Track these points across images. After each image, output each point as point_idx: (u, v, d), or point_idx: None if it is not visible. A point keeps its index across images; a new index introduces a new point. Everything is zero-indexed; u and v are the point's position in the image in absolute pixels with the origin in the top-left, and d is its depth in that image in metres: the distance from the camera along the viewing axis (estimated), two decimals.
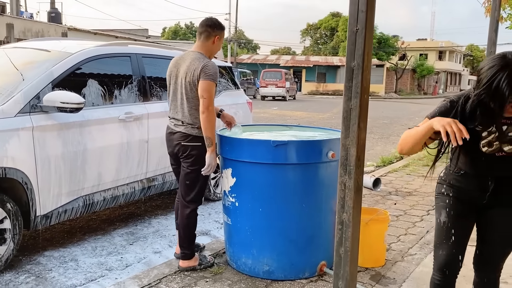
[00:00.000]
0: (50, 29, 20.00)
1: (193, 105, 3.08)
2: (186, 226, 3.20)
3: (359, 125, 1.79)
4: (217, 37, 3.18)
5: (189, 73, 3.04)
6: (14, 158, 3.16)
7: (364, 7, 1.71)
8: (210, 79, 2.99)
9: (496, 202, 2.03)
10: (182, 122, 3.12)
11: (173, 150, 3.19)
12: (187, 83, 3.05)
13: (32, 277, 3.24)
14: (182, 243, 3.22)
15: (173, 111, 3.19)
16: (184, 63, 3.12)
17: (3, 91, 3.38)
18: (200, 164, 3.09)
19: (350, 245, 1.85)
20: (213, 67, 3.04)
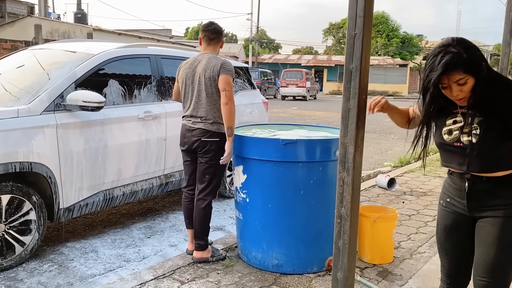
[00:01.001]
0: (76, 30, 20.54)
1: (212, 100, 3.29)
2: (202, 218, 3.36)
3: (357, 124, 1.90)
4: (223, 42, 3.52)
5: (208, 70, 3.26)
6: (39, 153, 3.36)
7: (361, 13, 1.82)
8: (229, 74, 3.27)
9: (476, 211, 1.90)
10: (201, 119, 3.31)
11: (191, 146, 3.36)
12: (206, 79, 3.27)
13: (55, 266, 3.43)
14: (197, 234, 3.38)
15: (190, 109, 3.36)
16: (201, 63, 3.34)
17: (30, 90, 3.59)
18: (218, 159, 3.29)
19: (348, 238, 1.95)
20: (230, 63, 3.37)
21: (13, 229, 3.30)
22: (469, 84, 1.78)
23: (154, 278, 3.09)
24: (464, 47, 1.75)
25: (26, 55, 4.42)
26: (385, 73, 40.98)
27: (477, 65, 1.76)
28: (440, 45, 1.79)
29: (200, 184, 3.38)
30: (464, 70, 1.74)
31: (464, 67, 1.74)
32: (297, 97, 28.92)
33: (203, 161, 3.34)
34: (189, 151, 3.42)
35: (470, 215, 1.93)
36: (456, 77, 1.75)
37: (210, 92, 3.28)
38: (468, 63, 1.74)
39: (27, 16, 22.02)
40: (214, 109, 3.29)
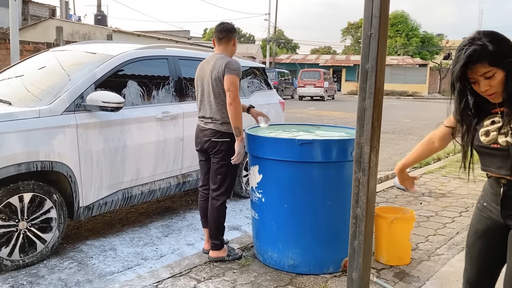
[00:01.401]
0: (96, 31, 20.86)
1: (219, 101, 3.30)
2: (216, 218, 3.38)
3: (373, 124, 1.89)
4: (234, 40, 3.47)
5: (214, 70, 3.28)
6: (60, 153, 3.44)
7: (377, 13, 1.81)
8: (234, 74, 3.24)
9: (511, 219, 1.79)
10: (211, 119, 3.33)
11: (203, 146, 3.39)
12: (213, 80, 3.28)
13: (75, 263, 3.50)
14: (212, 234, 3.40)
15: (202, 110, 3.40)
16: (209, 64, 3.36)
17: (51, 91, 3.67)
18: (229, 159, 3.30)
19: (363, 238, 1.95)
20: (236, 63, 3.30)
21: (34, 227, 3.39)
22: (498, 78, 1.69)
23: (171, 276, 3.13)
24: (491, 40, 1.68)
25: (47, 56, 4.52)
26: (404, 73, 40.51)
27: (505, 57, 1.67)
28: (467, 38, 1.73)
29: (213, 184, 3.41)
30: (490, 63, 1.67)
31: (489, 59, 1.66)
32: (314, 97, 28.80)
33: (215, 161, 3.37)
34: (202, 151, 3.46)
35: (504, 222, 1.82)
36: (481, 70, 1.69)
37: (218, 92, 3.29)
38: (494, 56, 1.66)
39: (49, 18, 22.46)
40: (222, 109, 3.30)
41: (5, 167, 3.13)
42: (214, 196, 3.40)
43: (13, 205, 3.25)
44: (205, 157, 3.46)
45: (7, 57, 11.08)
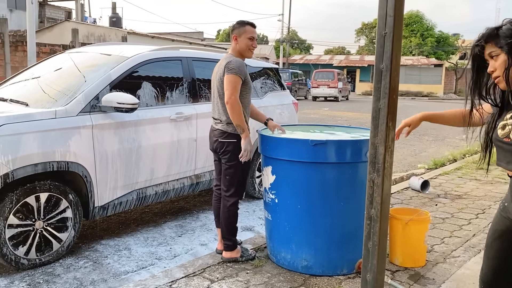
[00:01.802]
0: (111, 33, 21.10)
1: (224, 101, 3.27)
2: (227, 218, 3.39)
3: (388, 124, 1.87)
4: (234, 36, 3.36)
5: (219, 71, 3.30)
6: (76, 153, 3.48)
7: (392, 12, 1.80)
8: (232, 73, 3.19)
9: None
10: (219, 120, 3.35)
11: (213, 146, 3.43)
12: (218, 81, 3.31)
13: (90, 263, 3.54)
14: (224, 234, 3.41)
15: (212, 111, 3.44)
16: (217, 65, 3.40)
17: (67, 92, 3.72)
18: (236, 160, 3.30)
19: (377, 239, 1.93)
20: (236, 62, 3.23)
21: (50, 226, 3.43)
22: (501, 59, 1.68)
23: (184, 276, 3.14)
24: (508, 24, 1.68)
25: (63, 58, 4.58)
26: (419, 73, 40.10)
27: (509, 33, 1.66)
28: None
29: (223, 184, 3.41)
30: (496, 43, 1.67)
31: (497, 39, 1.67)
32: (328, 98, 28.67)
33: (223, 162, 3.37)
34: (213, 151, 3.48)
35: None
36: (489, 48, 1.70)
37: (222, 93, 3.28)
38: (503, 36, 1.66)
39: (65, 20, 22.81)
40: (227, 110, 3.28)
41: (23, 167, 3.18)
42: (224, 197, 3.40)
43: (30, 205, 3.30)
44: (217, 157, 3.48)
45: (24, 59, 11.28)
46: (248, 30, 3.36)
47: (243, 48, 3.36)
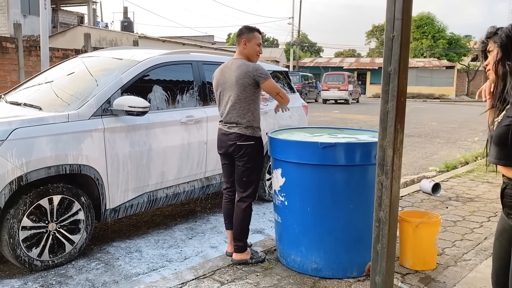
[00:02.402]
0: (123, 38, 21.31)
1: (245, 105, 3.32)
2: (242, 220, 3.42)
3: (396, 126, 1.88)
4: (243, 41, 3.41)
5: (239, 76, 3.30)
6: (88, 156, 3.53)
7: (399, 15, 1.80)
8: (267, 78, 3.33)
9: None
10: (236, 124, 3.35)
11: (227, 150, 3.41)
12: (239, 85, 3.30)
13: (102, 264, 3.58)
14: (236, 236, 3.44)
15: (225, 115, 3.42)
16: (231, 69, 3.38)
17: (80, 96, 3.78)
18: (253, 162, 3.35)
19: (386, 242, 1.93)
20: (261, 67, 3.37)
21: (63, 228, 3.48)
22: (493, 53, 1.77)
23: (195, 278, 3.16)
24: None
25: (76, 62, 4.65)
26: (431, 75, 39.80)
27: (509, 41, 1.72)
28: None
29: (239, 186, 3.44)
30: (495, 40, 1.75)
31: (496, 36, 1.75)
32: (339, 100, 28.60)
33: (240, 165, 3.39)
34: (226, 155, 3.48)
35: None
36: (489, 45, 1.78)
37: (244, 97, 3.31)
38: (500, 35, 1.74)
39: (77, 25, 23.09)
40: (248, 113, 3.33)
41: (36, 170, 3.24)
42: (240, 198, 3.43)
43: (43, 207, 3.35)
44: (229, 160, 3.49)
45: (37, 63, 11.45)
46: (256, 36, 3.44)
47: (252, 53, 3.42)
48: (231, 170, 3.49)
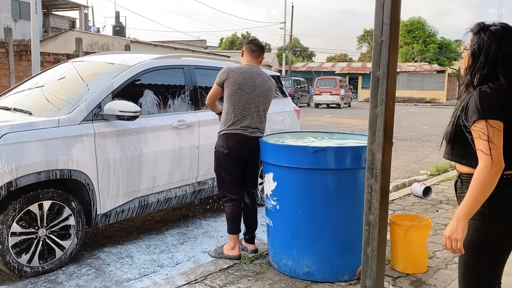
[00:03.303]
0: (115, 42, 21.25)
1: (266, 113, 3.73)
2: (257, 212, 3.84)
3: (385, 130, 1.89)
4: (262, 58, 3.81)
5: (272, 89, 3.69)
6: (78, 161, 3.51)
7: (388, 20, 1.82)
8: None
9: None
10: (257, 129, 3.59)
11: (248, 153, 3.58)
12: (267, 93, 3.64)
13: (93, 270, 3.56)
14: (254, 227, 3.81)
15: (249, 120, 3.55)
16: (260, 77, 3.63)
17: (70, 101, 3.76)
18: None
19: (376, 245, 1.94)
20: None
21: (53, 234, 3.45)
22: (465, 53, 1.85)
23: (186, 283, 3.15)
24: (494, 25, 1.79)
25: (66, 67, 4.64)
26: (422, 79, 40.10)
27: (478, 41, 1.78)
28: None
29: (253, 184, 3.81)
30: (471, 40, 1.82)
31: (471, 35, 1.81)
32: (331, 105, 28.71)
33: (256, 165, 3.75)
34: (243, 159, 3.61)
35: None
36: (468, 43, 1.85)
37: (268, 105, 3.71)
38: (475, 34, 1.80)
39: (68, 30, 23.00)
40: (265, 120, 3.72)
41: (26, 175, 3.21)
42: (253, 194, 3.79)
43: (33, 213, 3.33)
44: (242, 165, 3.65)
45: (28, 68, 11.38)
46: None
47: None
48: (241, 175, 3.65)
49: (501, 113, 1.68)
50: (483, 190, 1.67)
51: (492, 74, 1.75)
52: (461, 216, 1.72)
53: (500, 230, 1.77)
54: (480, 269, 1.85)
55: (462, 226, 1.72)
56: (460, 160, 1.83)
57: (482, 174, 1.67)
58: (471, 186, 1.70)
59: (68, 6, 28.14)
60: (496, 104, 1.69)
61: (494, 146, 1.65)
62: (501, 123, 1.68)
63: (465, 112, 1.74)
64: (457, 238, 1.72)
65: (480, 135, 1.67)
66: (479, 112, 1.68)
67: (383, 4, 1.79)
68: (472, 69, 1.79)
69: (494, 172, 1.66)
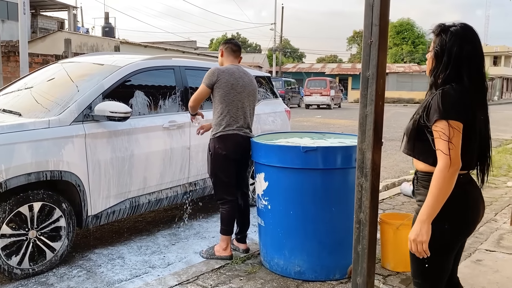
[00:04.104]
0: (104, 43, 21.13)
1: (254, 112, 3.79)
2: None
3: (375, 130, 1.92)
4: (241, 58, 3.85)
5: (254, 85, 3.70)
6: (69, 162, 3.50)
7: (377, 21, 1.85)
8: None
9: None
10: (249, 128, 3.67)
11: (244, 153, 3.62)
12: (255, 92, 3.71)
13: (84, 272, 3.54)
14: (247, 227, 3.86)
15: (243, 120, 3.60)
16: (247, 77, 3.67)
17: (60, 102, 3.74)
18: None
19: (367, 243, 1.97)
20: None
21: (44, 235, 3.44)
22: (429, 54, 1.89)
23: (178, 283, 3.16)
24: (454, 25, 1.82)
25: (56, 68, 4.61)
26: (411, 80, 40.45)
27: (440, 42, 1.82)
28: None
29: (246, 184, 3.88)
30: (433, 41, 1.85)
31: (433, 36, 1.85)
32: (321, 105, 28.84)
33: (247, 164, 3.79)
34: (239, 159, 3.64)
35: None
36: (432, 42, 1.89)
37: (255, 104, 3.76)
38: (436, 36, 1.84)
39: (57, 31, 22.81)
40: (253, 119, 3.77)
41: (16, 176, 3.19)
42: (247, 195, 3.87)
43: (23, 214, 3.30)
44: (238, 165, 3.67)
45: (16, 69, 11.29)
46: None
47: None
48: (237, 175, 3.67)
49: (462, 114, 1.73)
50: (443, 190, 1.72)
51: (456, 74, 1.78)
52: (424, 219, 1.77)
53: (443, 228, 1.81)
54: (426, 264, 1.90)
55: (426, 228, 1.76)
56: (418, 157, 1.88)
57: (441, 174, 1.71)
58: (431, 187, 1.75)
59: (57, 6, 27.92)
60: (457, 105, 1.73)
61: (453, 147, 1.70)
62: (461, 124, 1.72)
63: (427, 112, 1.78)
64: (422, 240, 1.77)
65: (441, 135, 1.71)
66: (441, 112, 1.71)
67: (372, 5, 1.82)
68: (436, 70, 1.82)
69: (452, 172, 1.71)
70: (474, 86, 1.78)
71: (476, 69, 1.79)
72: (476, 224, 1.91)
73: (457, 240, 1.87)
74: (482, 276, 3.40)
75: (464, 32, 1.79)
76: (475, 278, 3.34)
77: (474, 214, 1.86)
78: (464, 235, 1.89)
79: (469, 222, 1.86)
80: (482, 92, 1.82)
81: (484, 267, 3.56)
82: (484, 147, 1.87)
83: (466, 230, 1.87)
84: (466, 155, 1.76)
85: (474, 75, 1.78)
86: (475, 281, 3.29)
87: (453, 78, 1.78)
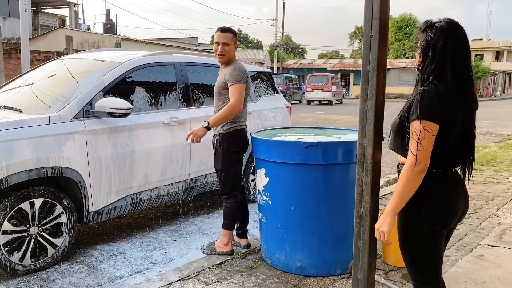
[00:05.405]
0: (105, 40, 21.11)
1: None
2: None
3: (375, 124, 1.91)
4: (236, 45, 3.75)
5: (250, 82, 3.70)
6: (70, 159, 3.50)
7: (377, 15, 1.84)
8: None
9: None
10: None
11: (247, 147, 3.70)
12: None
13: (85, 268, 3.55)
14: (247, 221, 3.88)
15: (246, 115, 3.69)
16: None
17: (61, 98, 3.74)
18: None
19: (367, 238, 1.96)
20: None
21: (45, 232, 3.44)
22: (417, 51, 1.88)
23: (179, 279, 3.16)
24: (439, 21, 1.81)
25: (57, 64, 4.60)
26: (413, 75, 40.13)
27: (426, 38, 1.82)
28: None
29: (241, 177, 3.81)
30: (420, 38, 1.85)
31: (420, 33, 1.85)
32: (323, 101, 28.79)
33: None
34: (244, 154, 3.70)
35: None
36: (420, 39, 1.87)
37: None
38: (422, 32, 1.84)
39: (58, 28, 22.81)
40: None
41: (17, 173, 3.19)
42: (244, 188, 3.91)
43: (24, 211, 3.31)
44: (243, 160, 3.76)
45: (18, 66, 11.29)
46: (215, 35, 3.60)
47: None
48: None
49: (439, 116, 1.73)
50: (406, 188, 1.77)
51: (441, 69, 1.78)
52: (388, 211, 1.84)
53: (421, 219, 1.87)
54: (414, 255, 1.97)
55: (389, 220, 1.84)
56: (401, 152, 1.91)
57: (406, 173, 1.77)
58: (397, 183, 1.81)
59: (58, 3, 27.87)
60: (435, 106, 1.73)
61: (422, 148, 1.73)
62: (437, 126, 1.74)
63: (408, 110, 1.80)
64: (383, 230, 1.85)
65: (413, 135, 1.75)
66: (417, 113, 1.74)
67: None
68: (423, 66, 1.83)
69: (416, 171, 1.75)
70: (457, 81, 1.78)
71: (460, 64, 1.79)
72: (455, 217, 1.95)
73: (436, 231, 1.91)
74: (483, 271, 3.39)
75: (449, 28, 1.79)
76: (477, 273, 3.34)
77: (451, 207, 1.90)
78: (443, 226, 1.92)
79: (447, 214, 1.90)
80: (466, 88, 1.82)
81: (486, 262, 3.55)
82: (467, 143, 1.89)
83: (444, 222, 1.91)
84: (445, 152, 1.81)
85: (458, 70, 1.78)
86: (477, 276, 3.29)
87: (438, 73, 1.79)
